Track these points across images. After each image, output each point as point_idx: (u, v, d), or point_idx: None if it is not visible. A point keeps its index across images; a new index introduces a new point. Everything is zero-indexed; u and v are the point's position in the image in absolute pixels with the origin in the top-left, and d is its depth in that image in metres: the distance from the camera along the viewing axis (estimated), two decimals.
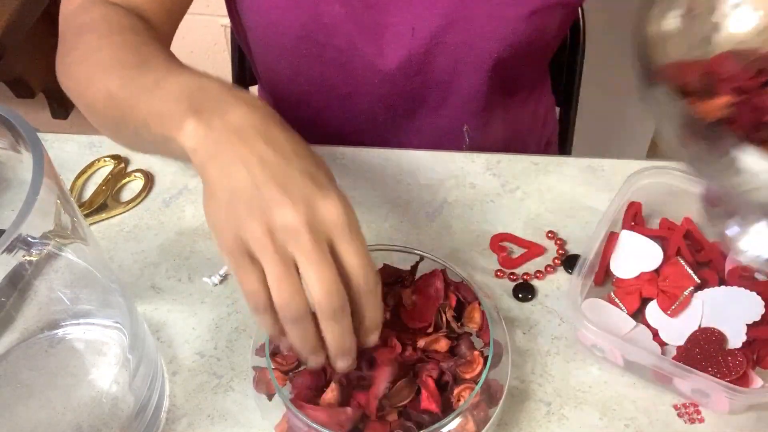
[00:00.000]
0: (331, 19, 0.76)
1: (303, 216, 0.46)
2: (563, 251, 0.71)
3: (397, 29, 0.77)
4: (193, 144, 0.50)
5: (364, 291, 0.49)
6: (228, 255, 0.48)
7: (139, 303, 0.69)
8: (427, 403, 0.55)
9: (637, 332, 0.64)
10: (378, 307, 0.51)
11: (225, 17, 0.89)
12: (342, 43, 0.78)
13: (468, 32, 0.76)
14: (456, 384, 0.56)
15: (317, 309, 0.47)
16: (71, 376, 0.59)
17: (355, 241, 0.48)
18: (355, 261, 0.48)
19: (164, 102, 0.53)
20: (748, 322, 0.62)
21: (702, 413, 0.60)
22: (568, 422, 0.60)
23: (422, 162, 0.79)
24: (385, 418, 0.55)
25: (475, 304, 0.61)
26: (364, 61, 0.79)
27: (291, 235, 0.46)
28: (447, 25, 0.76)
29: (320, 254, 0.46)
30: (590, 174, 0.78)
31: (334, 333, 0.49)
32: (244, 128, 0.49)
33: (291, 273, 0.46)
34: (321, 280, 0.46)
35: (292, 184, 0.47)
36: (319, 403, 0.55)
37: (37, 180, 0.43)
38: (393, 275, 0.64)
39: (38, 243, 0.46)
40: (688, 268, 0.65)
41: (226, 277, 0.70)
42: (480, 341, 0.60)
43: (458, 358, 0.57)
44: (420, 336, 0.59)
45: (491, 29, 0.76)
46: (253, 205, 0.47)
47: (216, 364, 0.64)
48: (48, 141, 0.83)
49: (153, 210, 0.76)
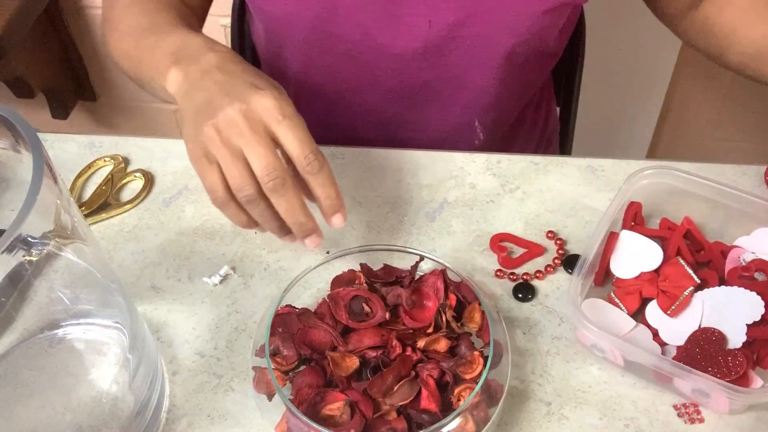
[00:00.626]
0: (345, 10, 0.76)
1: (239, 110, 0.55)
2: (563, 251, 0.71)
3: (413, 20, 0.76)
4: (174, 89, 0.62)
5: (308, 169, 0.57)
6: (192, 162, 0.58)
7: (139, 303, 0.69)
8: (427, 402, 0.55)
9: (637, 332, 0.64)
10: (327, 185, 0.58)
11: (225, 17, 0.89)
12: (355, 35, 0.78)
13: (484, 25, 0.76)
14: (456, 384, 0.56)
15: (262, 186, 0.55)
16: (71, 376, 0.59)
17: (290, 123, 0.56)
18: (290, 140, 0.56)
19: (159, 58, 0.65)
20: (748, 322, 0.62)
21: (702, 413, 0.60)
22: (568, 422, 0.60)
23: (422, 162, 0.79)
24: (385, 418, 0.55)
25: (475, 304, 0.61)
26: (376, 53, 0.79)
27: (232, 128, 0.55)
28: (464, 18, 0.75)
29: (255, 136, 0.55)
30: (590, 174, 0.78)
31: (281, 207, 0.56)
32: (209, 68, 0.60)
33: (238, 159, 0.55)
34: (258, 158, 0.55)
35: (234, 91, 0.57)
36: (320, 406, 0.55)
37: (37, 180, 0.43)
38: (393, 275, 0.64)
39: (38, 243, 0.46)
40: (688, 268, 0.65)
41: (226, 277, 0.70)
42: (480, 341, 0.60)
43: (458, 358, 0.57)
44: (420, 336, 0.59)
45: (506, 23, 0.76)
46: (206, 114, 0.56)
47: (216, 364, 0.64)
48: (48, 141, 0.83)
49: (153, 210, 0.76)
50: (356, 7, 0.75)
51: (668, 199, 0.71)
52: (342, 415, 0.54)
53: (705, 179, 0.68)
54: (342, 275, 0.64)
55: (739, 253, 0.67)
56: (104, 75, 1.66)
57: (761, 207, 0.67)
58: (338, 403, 0.55)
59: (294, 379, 0.58)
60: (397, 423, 0.54)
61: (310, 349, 0.59)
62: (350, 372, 0.57)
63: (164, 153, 0.82)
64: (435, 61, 0.79)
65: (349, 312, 0.60)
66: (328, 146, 0.81)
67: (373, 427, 0.55)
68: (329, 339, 0.59)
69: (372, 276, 0.64)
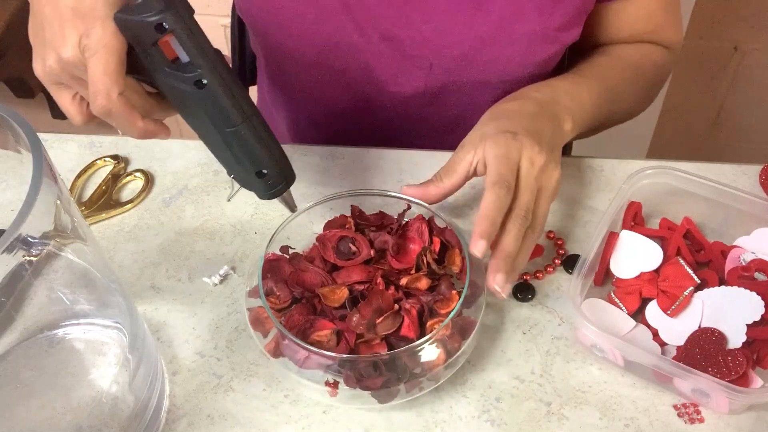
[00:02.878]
0: (348, 48, 0.77)
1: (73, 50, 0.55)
2: (563, 251, 0.71)
3: (414, 63, 0.78)
4: None
5: None
6: (44, 83, 0.60)
7: (139, 303, 0.69)
8: (407, 330, 0.59)
9: (637, 332, 0.64)
10: None
11: (225, 17, 0.89)
12: (357, 71, 0.79)
13: (482, 73, 0.78)
14: (431, 317, 0.60)
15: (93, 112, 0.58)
16: (71, 376, 0.59)
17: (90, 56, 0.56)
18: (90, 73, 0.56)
19: None
20: (748, 322, 0.62)
21: (702, 413, 0.60)
22: (568, 422, 0.60)
23: (422, 162, 0.79)
24: (369, 343, 0.59)
25: (456, 249, 0.64)
26: (376, 90, 0.81)
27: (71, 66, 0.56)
28: (465, 63, 0.77)
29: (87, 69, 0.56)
30: (590, 174, 0.78)
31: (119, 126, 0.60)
32: None
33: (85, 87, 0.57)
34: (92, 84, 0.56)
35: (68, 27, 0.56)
36: (310, 332, 0.59)
37: (37, 180, 0.43)
38: (383, 220, 0.67)
39: (38, 243, 0.46)
40: (688, 268, 0.65)
41: (226, 277, 0.70)
42: (461, 283, 0.62)
43: (436, 294, 0.61)
44: (403, 276, 0.62)
45: (505, 70, 0.78)
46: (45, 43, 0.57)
47: (216, 364, 0.64)
48: (48, 141, 0.83)
49: (153, 210, 0.76)
50: (358, 46, 0.77)
51: (668, 199, 0.71)
52: (329, 341, 0.58)
53: (705, 179, 0.68)
54: (334, 220, 0.67)
55: (739, 253, 0.67)
56: None
57: (761, 207, 0.67)
58: (326, 330, 0.59)
59: (286, 316, 0.60)
60: (379, 347, 0.58)
61: (302, 288, 0.62)
62: (341, 303, 0.61)
63: (164, 153, 0.82)
64: (434, 100, 0.81)
65: (337, 252, 0.64)
66: (328, 146, 0.81)
67: (357, 350, 0.59)
68: (320, 280, 0.62)
69: (362, 218, 0.67)
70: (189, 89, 0.56)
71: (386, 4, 0.74)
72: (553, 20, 0.74)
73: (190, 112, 0.59)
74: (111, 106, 0.56)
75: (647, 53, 0.84)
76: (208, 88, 0.56)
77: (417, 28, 0.75)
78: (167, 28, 0.53)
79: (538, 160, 0.64)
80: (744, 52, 1.47)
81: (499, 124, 0.68)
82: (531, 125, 0.68)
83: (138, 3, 0.53)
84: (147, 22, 0.53)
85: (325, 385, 0.57)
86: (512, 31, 0.74)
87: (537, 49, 0.76)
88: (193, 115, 0.59)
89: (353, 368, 0.57)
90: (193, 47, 0.55)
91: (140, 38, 0.55)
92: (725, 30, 1.48)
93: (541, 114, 0.70)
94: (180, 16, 0.53)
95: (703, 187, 0.69)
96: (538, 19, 0.74)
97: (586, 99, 0.75)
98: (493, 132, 0.66)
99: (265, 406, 0.62)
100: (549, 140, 0.67)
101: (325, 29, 0.76)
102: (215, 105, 0.57)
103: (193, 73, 0.55)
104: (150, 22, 0.53)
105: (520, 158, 0.64)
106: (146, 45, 0.55)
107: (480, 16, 0.74)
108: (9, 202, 0.52)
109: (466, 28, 0.75)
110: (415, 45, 0.76)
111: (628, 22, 0.81)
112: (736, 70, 1.51)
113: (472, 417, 0.61)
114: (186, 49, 0.55)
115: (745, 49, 1.46)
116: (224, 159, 0.61)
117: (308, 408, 0.62)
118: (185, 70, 0.55)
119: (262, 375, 0.64)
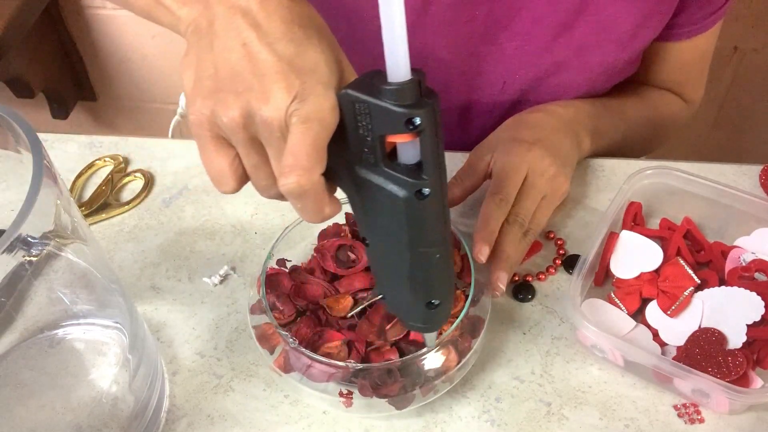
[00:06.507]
0: (435, 62, 0.77)
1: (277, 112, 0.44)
2: (563, 251, 0.71)
3: (490, 78, 0.79)
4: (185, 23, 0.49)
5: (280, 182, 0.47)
6: (198, 130, 0.48)
7: (139, 303, 0.69)
8: (416, 334, 0.59)
9: (637, 332, 0.64)
10: None
11: None
12: (432, 83, 0.79)
13: (549, 94, 0.79)
14: None
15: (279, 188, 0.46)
16: (71, 376, 0.59)
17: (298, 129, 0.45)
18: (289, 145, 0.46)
19: None
20: (748, 322, 0.62)
21: (702, 413, 0.60)
22: (568, 422, 0.60)
23: None
24: (380, 350, 0.59)
25: (455, 250, 0.64)
26: (447, 102, 0.82)
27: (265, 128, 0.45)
28: (537, 85, 0.78)
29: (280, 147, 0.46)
30: (590, 174, 0.78)
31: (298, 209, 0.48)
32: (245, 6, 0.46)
33: (266, 162, 0.47)
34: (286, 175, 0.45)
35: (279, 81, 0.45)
36: (319, 344, 0.58)
37: (37, 180, 0.43)
38: None
39: (38, 243, 0.46)
40: (688, 269, 0.65)
41: (227, 277, 0.70)
42: (462, 282, 0.63)
43: None
44: None
45: (576, 92, 0.80)
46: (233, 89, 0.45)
47: (216, 364, 0.64)
48: (48, 141, 0.83)
49: (153, 210, 0.76)
50: (440, 59, 0.77)
51: (668, 199, 0.71)
52: (340, 352, 0.58)
53: (705, 179, 0.68)
54: (328, 229, 0.67)
55: (739, 253, 0.67)
56: (104, 75, 1.66)
57: (761, 207, 0.67)
58: (336, 341, 0.58)
59: (293, 330, 0.60)
60: (390, 353, 0.58)
61: (306, 301, 0.62)
62: (346, 312, 0.60)
63: (164, 153, 0.82)
64: (500, 120, 0.81)
65: (337, 261, 0.64)
66: None
67: (369, 358, 0.59)
68: (322, 291, 0.62)
69: (356, 225, 0.66)
70: (402, 194, 0.45)
71: (479, 22, 0.74)
72: (625, 53, 0.77)
73: (376, 214, 0.49)
74: (309, 187, 0.45)
75: (670, 102, 0.88)
76: (428, 201, 0.45)
77: (500, 46, 0.76)
78: (418, 126, 0.43)
79: (548, 172, 0.67)
80: (744, 52, 1.47)
81: (517, 133, 0.69)
82: (549, 138, 0.70)
83: (391, 88, 0.42)
84: (396, 113, 0.42)
85: (339, 396, 0.56)
86: (589, 60, 0.76)
87: (606, 78, 0.79)
88: (378, 216, 0.49)
89: (368, 377, 0.56)
90: (432, 155, 0.44)
91: (367, 125, 0.44)
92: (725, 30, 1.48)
93: (562, 129, 0.73)
94: (435, 113, 0.43)
95: (703, 187, 0.69)
96: (615, 51, 0.76)
97: (606, 127, 0.78)
98: (509, 139, 0.67)
99: (265, 406, 0.62)
100: (565, 155, 0.70)
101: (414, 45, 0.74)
102: (423, 220, 0.47)
103: (418, 180, 0.45)
104: (399, 113, 0.42)
105: (527, 169, 0.66)
106: None
107: (562, 42, 0.75)
108: (9, 202, 0.52)
109: (546, 52, 0.76)
110: (493, 60, 0.77)
111: (667, 67, 0.85)
112: (736, 70, 1.51)
113: (472, 417, 0.61)
114: (425, 154, 0.44)
115: (745, 49, 1.46)
116: (389, 276, 0.53)
117: (308, 408, 0.62)
118: (409, 174, 0.45)
119: (262, 375, 0.64)
